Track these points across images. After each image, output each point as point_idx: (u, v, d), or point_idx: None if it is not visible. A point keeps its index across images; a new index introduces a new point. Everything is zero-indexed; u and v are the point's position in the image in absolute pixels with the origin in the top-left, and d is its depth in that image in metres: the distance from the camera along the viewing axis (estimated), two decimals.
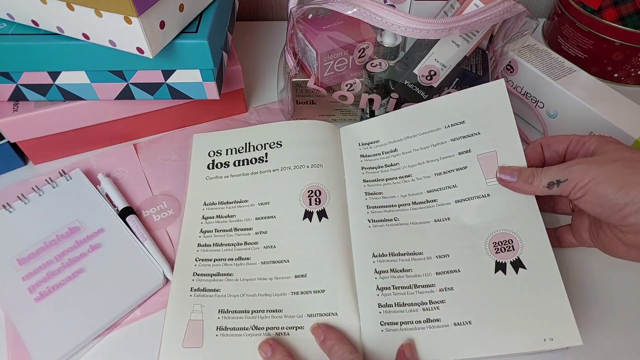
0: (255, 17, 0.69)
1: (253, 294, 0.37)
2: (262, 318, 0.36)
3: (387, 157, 0.43)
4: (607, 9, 0.52)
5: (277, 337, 0.35)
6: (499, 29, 0.45)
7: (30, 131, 0.45)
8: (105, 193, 0.44)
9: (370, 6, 0.37)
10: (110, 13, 0.34)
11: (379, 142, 0.44)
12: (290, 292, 0.37)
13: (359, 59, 0.45)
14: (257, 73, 0.58)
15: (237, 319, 0.36)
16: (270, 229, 0.40)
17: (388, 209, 0.40)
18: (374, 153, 0.43)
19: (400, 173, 0.42)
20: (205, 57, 0.40)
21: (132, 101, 0.46)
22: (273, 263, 0.38)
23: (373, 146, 0.44)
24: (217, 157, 0.45)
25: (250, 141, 0.46)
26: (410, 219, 0.39)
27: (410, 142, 0.42)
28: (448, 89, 0.46)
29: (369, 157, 0.43)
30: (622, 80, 0.56)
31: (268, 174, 0.43)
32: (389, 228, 0.39)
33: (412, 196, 0.40)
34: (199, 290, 0.38)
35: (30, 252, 0.39)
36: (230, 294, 0.37)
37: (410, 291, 0.36)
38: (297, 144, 0.44)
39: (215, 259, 0.39)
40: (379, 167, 0.42)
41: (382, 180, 0.42)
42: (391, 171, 0.42)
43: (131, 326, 0.37)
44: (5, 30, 0.40)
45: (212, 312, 0.36)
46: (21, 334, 0.35)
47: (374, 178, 0.42)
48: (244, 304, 0.37)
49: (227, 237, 0.40)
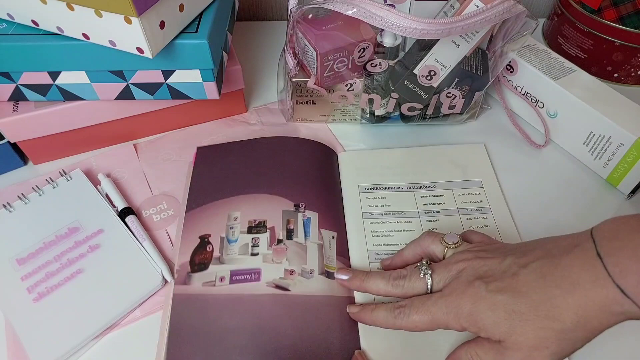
0: (255, 17, 0.69)
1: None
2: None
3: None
4: (607, 9, 0.52)
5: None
6: (499, 29, 0.45)
7: (30, 131, 0.45)
8: (105, 193, 0.44)
9: (370, 6, 0.37)
10: (110, 13, 0.34)
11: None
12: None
13: (359, 59, 0.45)
14: (257, 73, 0.58)
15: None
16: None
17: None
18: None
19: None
20: (205, 57, 0.40)
21: (132, 101, 0.46)
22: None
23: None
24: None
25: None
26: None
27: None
28: (448, 89, 0.46)
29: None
30: (622, 80, 0.56)
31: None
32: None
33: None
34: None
35: (29, 252, 0.39)
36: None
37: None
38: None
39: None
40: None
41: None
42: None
43: (130, 326, 0.37)
44: (5, 30, 0.40)
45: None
46: (19, 334, 0.35)
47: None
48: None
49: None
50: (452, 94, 0.47)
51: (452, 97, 0.47)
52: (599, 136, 0.45)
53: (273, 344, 0.35)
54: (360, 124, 0.52)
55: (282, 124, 0.52)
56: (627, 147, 0.43)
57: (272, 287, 0.38)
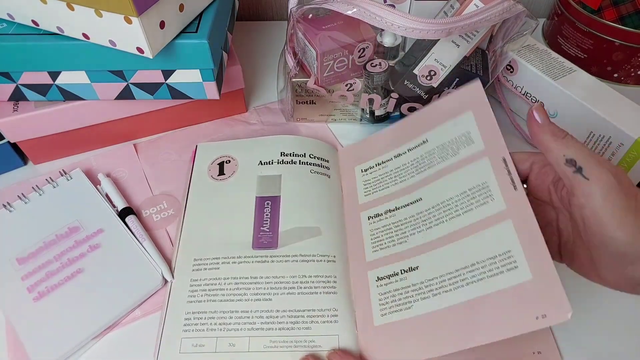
0: (255, 17, 0.69)
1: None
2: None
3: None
4: (607, 9, 0.52)
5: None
6: (499, 29, 0.45)
7: (30, 131, 0.45)
8: (105, 193, 0.44)
9: (370, 6, 0.37)
10: (110, 13, 0.34)
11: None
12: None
13: (359, 59, 0.45)
14: (257, 73, 0.59)
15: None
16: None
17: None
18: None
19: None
20: (205, 57, 0.40)
21: (132, 101, 0.46)
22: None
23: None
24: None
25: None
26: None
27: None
28: (448, 89, 0.46)
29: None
30: (622, 80, 0.56)
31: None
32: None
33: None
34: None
35: (29, 252, 0.39)
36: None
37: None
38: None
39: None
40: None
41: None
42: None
43: (130, 326, 0.37)
44: (5, 30, 0.40)
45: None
46: (19, 334, 0.35)
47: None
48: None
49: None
50: None
51: None
52: (599, 136, 0.45)
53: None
54: (360, 124, 0.52)
55: (282, 124, 0.52)
56: (627, 147, 0.43)
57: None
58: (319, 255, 0.39)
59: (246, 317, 0.37)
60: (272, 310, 0.37)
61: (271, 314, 0.37)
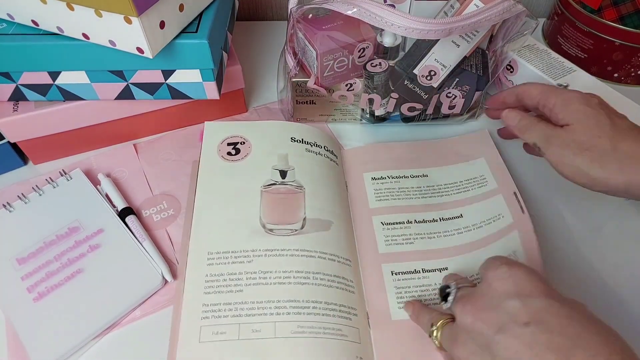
0: (255, 17, 0.69)
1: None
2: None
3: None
4: (607, 8, 0.52)
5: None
6: (499, 29, 0.45)
7: (30, 131, 0.45)
8: (105, 193, 0.44)
9: (370, 6, 0.37)
10: (110, 13, 0.34)
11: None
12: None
13: (359, 59, 0.45)
14: (257, 73, 0.58)
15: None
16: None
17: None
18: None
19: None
20: (205, 57, 0.40)
21: (132, 101, 0.46)
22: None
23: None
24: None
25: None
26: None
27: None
28: (448, 89, 0.46)
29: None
30: (622, 80, 0.56)
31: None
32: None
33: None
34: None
35: (29, 252, 0.39)
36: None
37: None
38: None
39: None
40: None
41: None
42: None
43: (131, 326, 0.37)
44: (5, 30, 0.40)
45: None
46: (19, 334, 0.35)
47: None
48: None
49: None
50: (452, 94, 0.47)
51: (452, 97, 0.47)
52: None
53: None
54: (360, 124, 0.52)
55: None
56: None
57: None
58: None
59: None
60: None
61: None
